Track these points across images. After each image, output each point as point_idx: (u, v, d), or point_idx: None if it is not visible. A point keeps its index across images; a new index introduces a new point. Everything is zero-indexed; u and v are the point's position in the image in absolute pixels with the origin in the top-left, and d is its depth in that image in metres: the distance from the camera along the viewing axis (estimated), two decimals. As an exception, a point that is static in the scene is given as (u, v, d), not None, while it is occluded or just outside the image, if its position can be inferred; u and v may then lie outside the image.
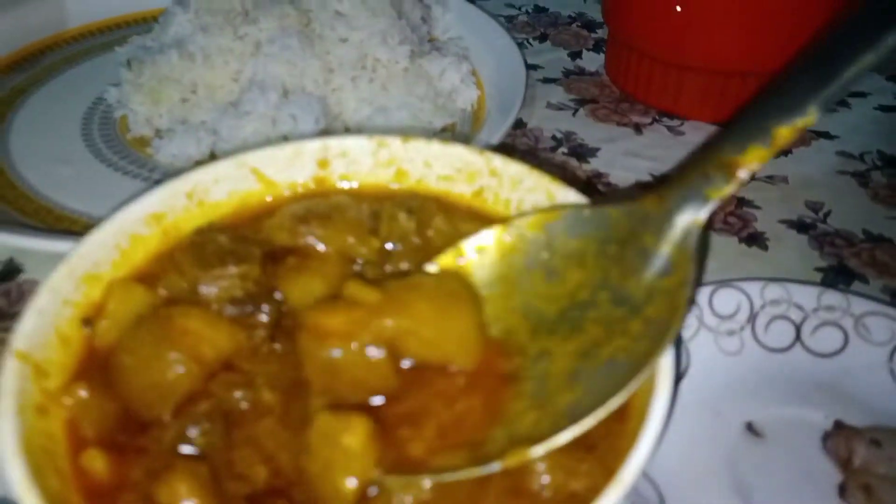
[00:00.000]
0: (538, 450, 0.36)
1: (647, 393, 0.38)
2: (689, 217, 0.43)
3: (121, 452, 0.39)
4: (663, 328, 0.39)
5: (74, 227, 0.69)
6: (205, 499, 0.35)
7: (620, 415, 0.40)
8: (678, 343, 0.44)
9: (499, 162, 0.53)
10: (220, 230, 0.48)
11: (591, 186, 0.80)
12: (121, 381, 0.40)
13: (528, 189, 0.52)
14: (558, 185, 0.51)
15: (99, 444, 0.39)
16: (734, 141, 0.42)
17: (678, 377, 0.54)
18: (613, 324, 0.41)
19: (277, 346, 0.43)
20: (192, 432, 0.38)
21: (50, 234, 0.64)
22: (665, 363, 0.38)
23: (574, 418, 0.37)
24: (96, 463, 0.38)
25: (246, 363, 0.42)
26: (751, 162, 0.42)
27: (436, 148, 0.55)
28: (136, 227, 0.48)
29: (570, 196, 0.50)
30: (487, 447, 0.38)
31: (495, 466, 0.36)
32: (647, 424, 0.35)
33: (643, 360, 0.38)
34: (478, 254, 0.47)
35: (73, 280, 0.44)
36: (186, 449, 0.38)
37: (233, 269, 0.44)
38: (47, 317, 0.42)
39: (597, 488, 0.35)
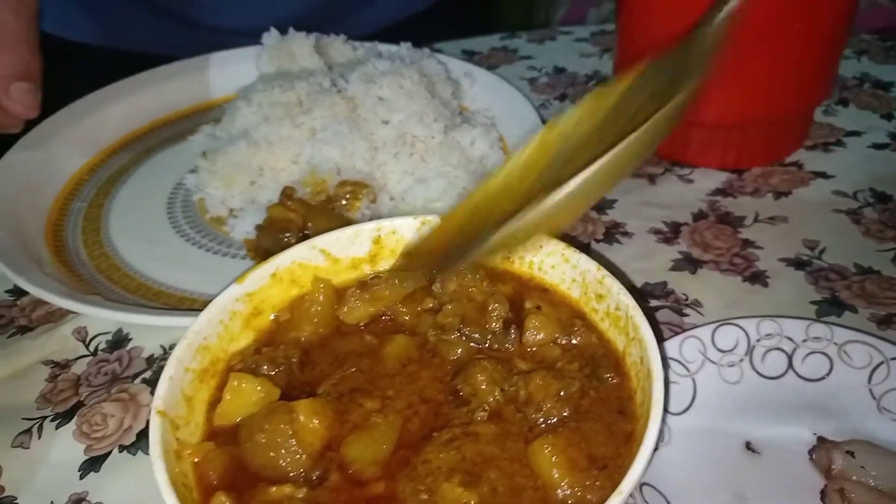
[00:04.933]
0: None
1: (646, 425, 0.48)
2: None
3: (241, 495, 0.50)
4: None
5: (170, 301, 0.82)
6: None
7: (627, 439, 0.51)
8: (667, 379, 0.53)
9: (521, 232, 0.65)
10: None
11: (609, 235, 0.90)
12: (247, 453, 0.51)
13: (546, 253, 0.64)
14: (571, 250, 0.62)
15: (221, 487, 0.51)
16: None
17: (681, 409, 0.64)
18: None
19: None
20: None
21: (153, 311, 0.77)
22: (657, 400, 0.48)
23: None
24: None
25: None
26: None
27: (468, 222, 0.66)
28: (234, 305, 0.61)
29: (582, 260, 0.61)
30: None
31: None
32: (641, 451, 0.46)
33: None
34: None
35: (191, 351, 0.56)
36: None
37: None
38: (175, 381, 0.54)
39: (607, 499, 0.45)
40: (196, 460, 0.51)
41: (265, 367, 0.56)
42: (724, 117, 0.96)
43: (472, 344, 0.59)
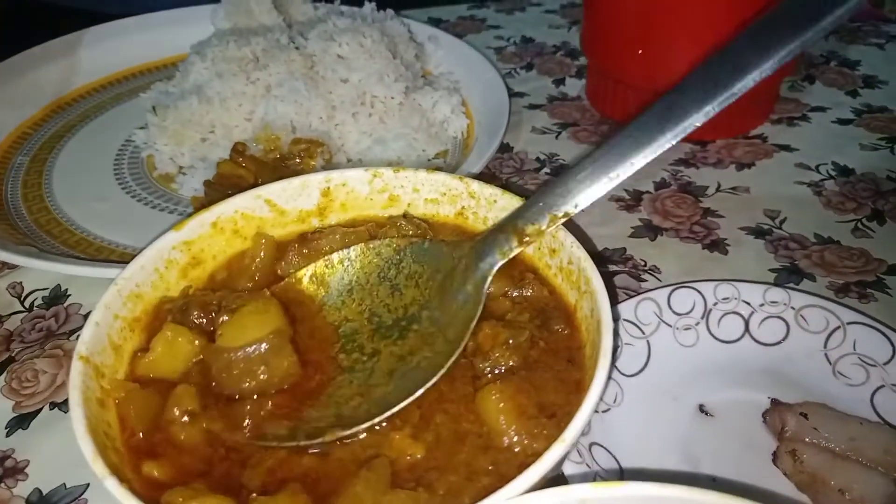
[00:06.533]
0: (348, 432, 0.47)
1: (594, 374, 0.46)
2: (487, 266, 0.54)
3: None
4: (453, 348, 0.50)
5: (112, 257, 0.78)
6: None
7: (576, 387, 0.49)
8: (616, 331, 0.52)
9: (476, 186, 0.62)
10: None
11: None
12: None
13: (501, 208, 0.61)
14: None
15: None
16: (526, 217, 0.54)
17: (634, 371, 0.63)
18: (426, 337, 0.52)
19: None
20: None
21: (91, 263, 0.74)
22: (605, 349, 0.46)
23: (383, 407, 0.47)
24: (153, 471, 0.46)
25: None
26: (531, 235, 0.54)
27: (422, 175, 0.64)
28: (171, 253, 0.57)
29: (536, 214, 0.58)
30: (320, 423, 0.48)
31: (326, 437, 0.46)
32: (587, 398, 0.44)
33: (434, 371, 0.49)
34: (342, 263, 0.58)
35: (121, 298, 0.53)
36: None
37: None
38: (102, 328, 0.51)
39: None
40: (117, 401, 0.48)
41: (195, 312, 0.53)
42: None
43: None
